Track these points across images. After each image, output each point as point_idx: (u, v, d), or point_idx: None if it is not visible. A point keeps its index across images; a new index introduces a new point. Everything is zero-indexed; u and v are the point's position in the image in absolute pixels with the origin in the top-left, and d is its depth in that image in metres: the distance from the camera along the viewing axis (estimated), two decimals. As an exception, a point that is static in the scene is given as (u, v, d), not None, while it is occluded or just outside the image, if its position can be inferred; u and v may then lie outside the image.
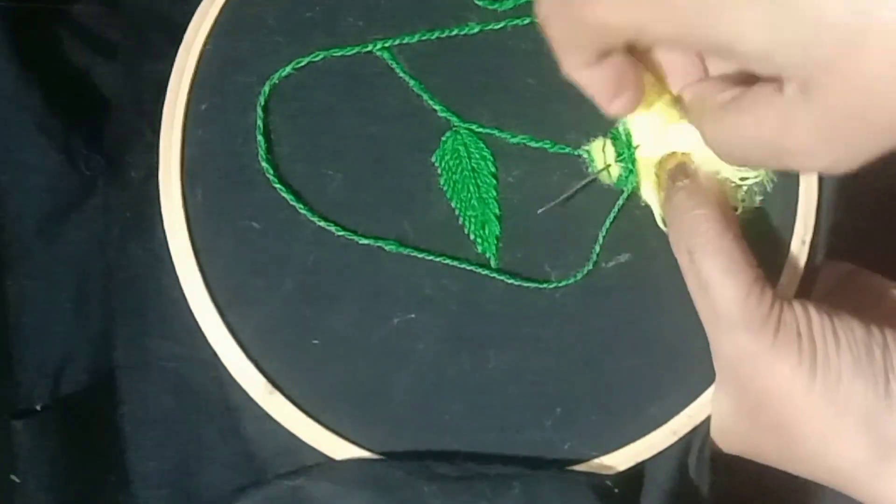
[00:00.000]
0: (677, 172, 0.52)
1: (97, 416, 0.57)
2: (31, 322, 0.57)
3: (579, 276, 0.53)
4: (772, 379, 0.48)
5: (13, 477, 0.55)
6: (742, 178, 0.52)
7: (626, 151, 0.52)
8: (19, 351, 0.57)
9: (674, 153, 0.52)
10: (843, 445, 0.47)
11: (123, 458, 0.56)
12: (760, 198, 0.53)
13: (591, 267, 0.53)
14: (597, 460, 0.53)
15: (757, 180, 0.52)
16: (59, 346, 0.57)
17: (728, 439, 0.52)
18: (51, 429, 0.56)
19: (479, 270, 0.53)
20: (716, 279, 0.48)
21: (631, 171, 0.52)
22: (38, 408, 0.56)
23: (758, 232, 0.53)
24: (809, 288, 0.54)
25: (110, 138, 0.58)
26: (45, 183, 0.56)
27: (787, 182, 0.54)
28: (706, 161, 0.51)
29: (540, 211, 0.53)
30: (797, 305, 0.49)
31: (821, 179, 0.54)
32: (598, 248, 0.53)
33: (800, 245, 0.54)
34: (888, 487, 0.47)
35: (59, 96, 0.57)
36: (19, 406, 0.56)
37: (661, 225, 0.53)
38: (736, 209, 0.52)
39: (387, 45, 0.54)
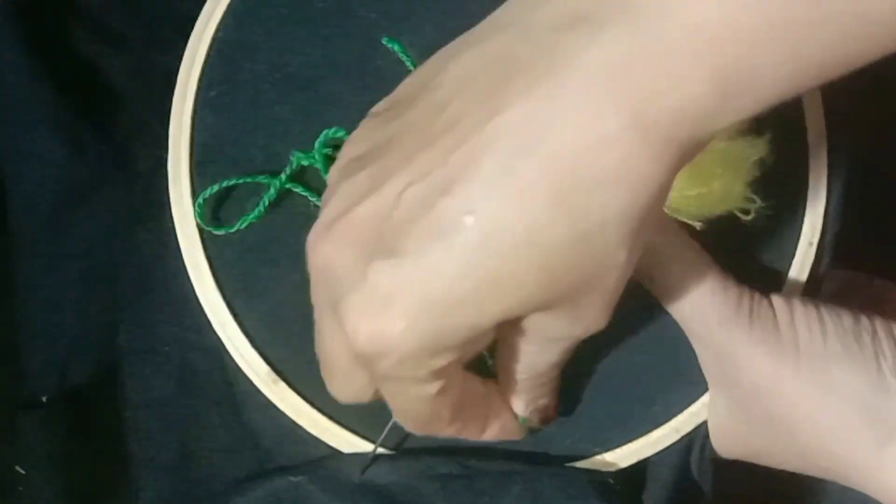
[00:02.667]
0: None
1: (103, 408, 0.57)
2: (37, 314, 0.57)
3: None
4: (756, 372, 0.48)
5: (18, 468, 0.55)
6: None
7: None
8: (26, 343, 0.57)
9: None
10: (839, 432, 0.47)
11: (124, 444, 0.56)
12: (772, 200, 0.52)
13: None
14: (599, 457, 0.53)
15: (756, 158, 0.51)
16: (66, 339, 0.57)
17: (726, 442, 0.52)
18: (56, 421, 0.56)
19: None
20: (677, 287, 0.49)
21: None
22: (44, 400, 0.57)
23: (765, 233, 0.53)
24: (816, 290, 0.54)
25: (119, 130, 0.58)
26: (54, 174, 0.57)
27: (795, 184, 0.54)
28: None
29: None
30: (777, 298, 0.49)
31: (830, 182, 0.54)
32: None
33: (807, 247, 0.54)
34: (890, 470, 0.47)
35: (69, 88, 0.57)
36: (25, 398, 0.57)
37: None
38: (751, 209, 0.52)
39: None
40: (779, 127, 0.52)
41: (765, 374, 0.48)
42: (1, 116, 0.56)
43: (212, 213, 0.53)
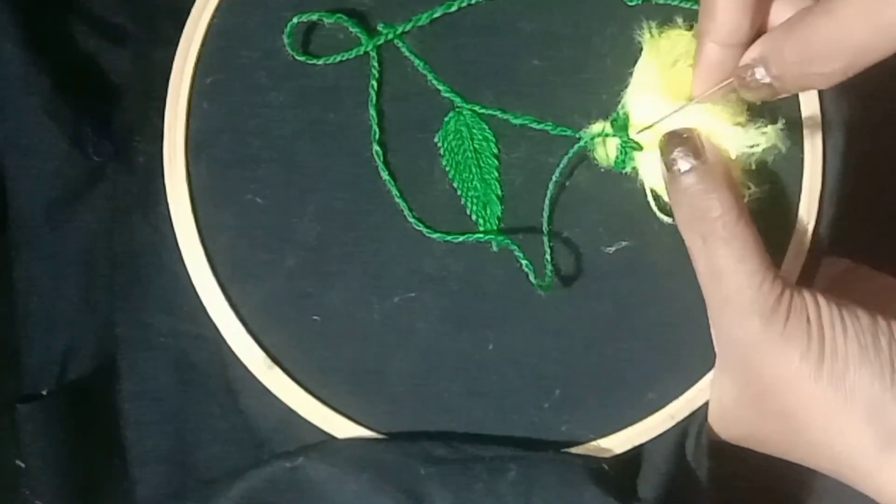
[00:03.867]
0: (683, 151, 0.49)
1: (102, 401, 0.57)
2: (37, 308, 0.57)
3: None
4: (781, 366, 0.47)
5: (18, 462, 0.55)
6: (752, 145, 0.50)
7: (624, 135, 0.52)
8: (26, 336, 0.57)
9: (674, 130, 0.50)
10: (848, 434, 0.47)
11: (122, 435, 0.56)
12: (767, 185, 0.53)
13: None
14: (594, 443, 0.53)
15: (768, 145, 0.50)
16: (66, 332, 0.57)
17: (728, 425, 0.52)
18: (56, 414, 0.56)
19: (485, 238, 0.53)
20: (729, 266, 0.48)
21: (628, 154, 0.52)
22: (44, 393, 0.57)
23: (760, 218, 0.52)
24: (812, 275, 0.54)
25: (119, 124, 0.59)
26: (54, 169, 0.57)
27: (791, 168, 0.54)
28: (714, 137, 0.50)
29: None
30: (806, 293, 0.49)
31: (825, 166, 0.54)
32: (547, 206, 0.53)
33: (803, 232, 0.54)
34: (892, 477, 0.47)
35: (68, 82, 0.57)
36: (25, 391, 0.57)
37: (655, 210, 0.52)
38: (743, 196, 0.52)
39: (397, 31, 0.54)
40: (774, 112, 0.53)
41: (788, 369, 0.47)
42: (1, 111, 0.56)
43: (211, 188, 0.53)
